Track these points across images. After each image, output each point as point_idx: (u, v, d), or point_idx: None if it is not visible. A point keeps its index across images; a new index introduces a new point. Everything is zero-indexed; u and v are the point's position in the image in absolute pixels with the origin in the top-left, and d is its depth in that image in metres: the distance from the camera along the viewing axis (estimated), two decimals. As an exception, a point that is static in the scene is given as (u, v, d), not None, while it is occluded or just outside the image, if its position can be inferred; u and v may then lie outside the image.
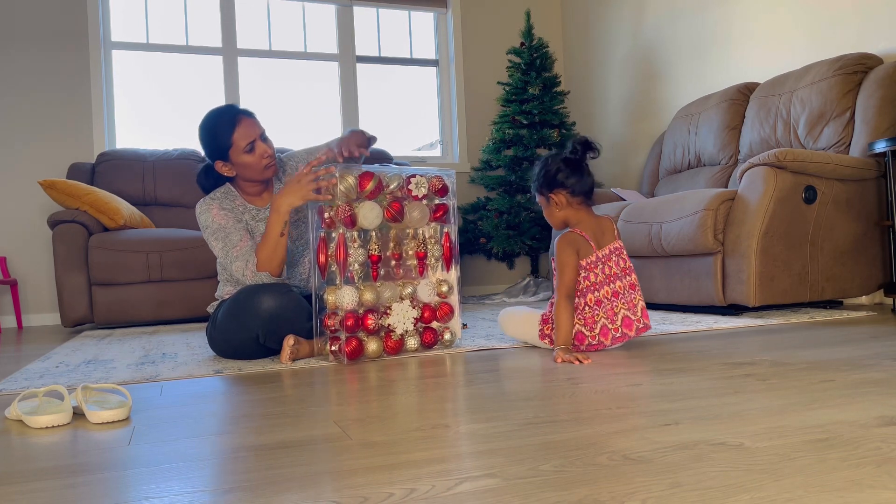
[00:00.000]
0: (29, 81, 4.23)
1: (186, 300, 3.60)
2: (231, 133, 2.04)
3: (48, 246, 4.23)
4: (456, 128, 5.16)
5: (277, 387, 1.63)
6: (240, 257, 2.05)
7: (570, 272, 1.93)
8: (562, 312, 1.90)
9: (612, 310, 1.95)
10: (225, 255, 2.07)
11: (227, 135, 2.04)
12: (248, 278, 2.04)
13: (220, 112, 2.08)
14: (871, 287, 2.87)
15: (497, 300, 4.33)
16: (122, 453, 1.08)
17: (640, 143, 4.57)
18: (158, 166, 4.18)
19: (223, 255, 2.07)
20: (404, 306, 2.03)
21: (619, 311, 1.95)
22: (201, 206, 2.11)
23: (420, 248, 2.10)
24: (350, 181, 1.96)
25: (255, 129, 2.07)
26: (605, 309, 1.94)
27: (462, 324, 2.78)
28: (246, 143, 2.04)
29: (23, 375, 1.98)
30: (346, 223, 1.95)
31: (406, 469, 0.92)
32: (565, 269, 1.93)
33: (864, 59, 2.96)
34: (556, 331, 1.91)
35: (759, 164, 2.68)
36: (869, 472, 0.82)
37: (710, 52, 3.93)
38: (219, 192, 2.15)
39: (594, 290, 1.95)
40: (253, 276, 2.04)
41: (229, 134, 2.04)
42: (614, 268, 1.97)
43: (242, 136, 2.04)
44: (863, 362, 1.59)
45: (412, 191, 2.06)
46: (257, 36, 4.79)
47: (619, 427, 1.09)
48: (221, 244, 2.07)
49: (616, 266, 1.98)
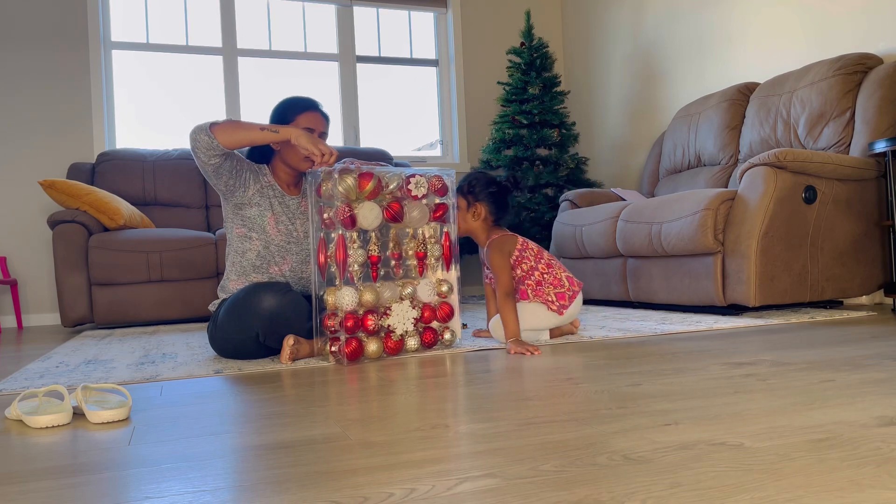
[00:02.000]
0: (29, 81, 4.23)
1: (186, 300, 3.59)
2: (299, 114, 2.16)
3: (48, 246, 4.23)
4: (456, 128, 5.16)
5: (277, 387, 1.63)
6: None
7: (505, 274, 2.19)
8: (507, 310, 2.12)
9: (556, 277, 2.27)
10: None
11: (295, 113, 2.16)
12: (197, 125, 2.00)
13: (302, 97, 2.22)
14: (871, 287, 2.87)
15: (497, 300, 4.33)
16: (122, 453, 1.08)
17: (640, 143, 4.57)
18: (158, 166, 4.18)
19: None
20: (404, 307, 2.03)
21: (561, 273, 2.28)
22: None
23: (420, 248, 2.10)
24: (349, 181, 1.96)
25: (320, 125, 2.18)
26: (552, 276, 2.26)
27: (462, 324, 2.78)
28: (306, 128, 2.13)
29: (23, 375, 1.98)
30: (345, 224, 1.95)
31: (406, 469, 0.92)
32: (502, 272, 2.19)
33: (864, 59, 2.96)
34: (505, 326, 2.12)
35: (759, 164, 2.68)
36: (869, 472, 0.82)
37: (710, 52, 3.93)
38: (253, 165, 2.20)
39: (533, 272, 2.26)
40: (200, 123, 2.00)
41: (297, 114, 2.16)
42: (533, 248, 2.29)
43: (306, 121, 2.16)
44: (863, 362, 1.59)
45: (411, 191, 2.06)
46: (257, 36, 4.80)
47: (619, 427, 1.09)
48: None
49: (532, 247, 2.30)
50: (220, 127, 1.99)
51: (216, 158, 2.02)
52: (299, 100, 2.19)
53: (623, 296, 3.33)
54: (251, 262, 2.15)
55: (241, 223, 2.15)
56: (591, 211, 3.53)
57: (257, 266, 2.14)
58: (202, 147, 1.99)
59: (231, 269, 2.19)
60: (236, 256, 2.17)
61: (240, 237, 2.16)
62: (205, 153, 2.01)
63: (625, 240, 3.17)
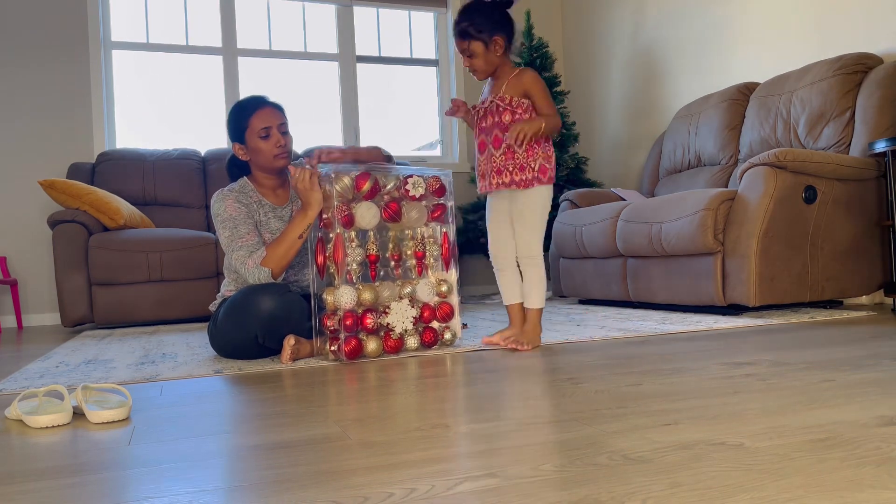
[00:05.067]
0: (29, 81, 4.23)
1: (186, 300, 3.59)
2: (250, 116, 2.12)
3: (48, 246, 4.23)
4: (456, 128, 5.15)
5: (277, 387, 1.63)
6: (243, 248, 2.07)
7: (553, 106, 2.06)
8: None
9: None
10: (229, 244, 2.09)
11: (247, 117, 2.13)
12: (247, 268, 2.04)
13: (248, 98, 2.18)
14: (871, 287, 2.87)
15: (497, 300, 4.33)
16: (122, 453, 1.08)
17: (640, 143, 4.57)
18: (158, 166, 4.18)
19: (227, 243, 2.09)
20: (403, 305, 2.03)
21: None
22: (217, 196, 2.16)
23: (418, 247, 2.10)
24: (346, 181, 1.96)
25: (275, 119, 2.14)
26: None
27: (462, 324, 2.78)
28: (261, 128, 2.11)
29: (23, 375, 1.98)
30: (343, 223, 1.95)
31: (406, 469, 0.92)
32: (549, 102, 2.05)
33: (864, 59, 2.96)
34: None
35: (759, 164, 2.68)
36: (869, 472, 0.82)
37: (710, 52, 3.93)
38: (236, 186, 2.20)
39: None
40: (253, 268, 2.03)
41: (248, 117, 2.12)
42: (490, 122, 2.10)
43: (260, 120, 2.12)
44: (863, 362, 1.59)
45: (409, 191, 2.06)
46: (257, 36, 4.79)
47: (619, 427, 1.09)
48: (228, 233, 2.10)
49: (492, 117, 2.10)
50: (270, 261, 2.03)
51: None
52: (246, 102, 2.16)
53: (623, 296, 3.33)
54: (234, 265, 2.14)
55: None
56: (591, 211, 3.53)
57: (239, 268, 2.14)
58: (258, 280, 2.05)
59: (228, 278, 2.20)
60: (230, 268, 2.18)
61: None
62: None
63: (625, 240, 3.17)
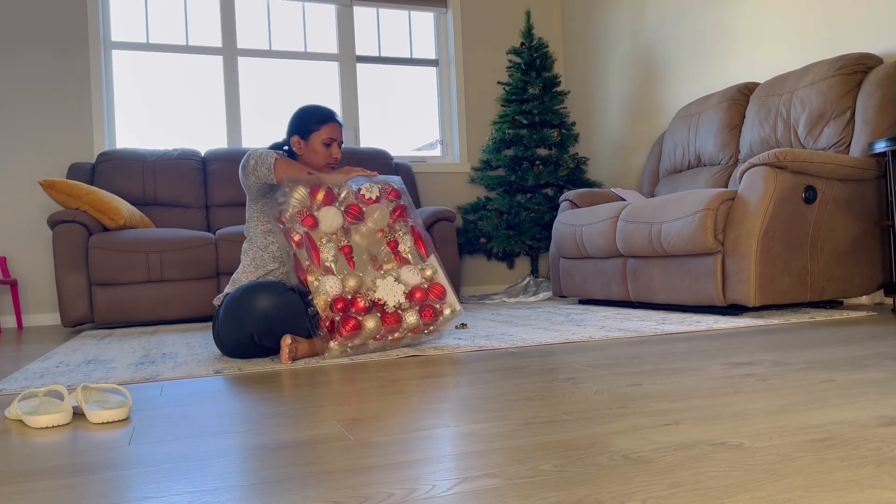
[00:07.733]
0: (29, 81, 4.23)
1: (186, 300, 3.60)
2: (323, 123, 2.30)
3: (48, 246, 4.23)
4: (456, 128, 5.15)
5: (277, 387, 1.63)
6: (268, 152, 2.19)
7: None
8: None
9: None
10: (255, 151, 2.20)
11: (319, 123, 2.30)
12: (261, 151, 2.18)
13: (324, 107, 2.36)
14: (871, 287, 2.87)
15: (497, 300, 4.33)
16: (122, 453, 1.08)
17: (640, 143, 4.57)
18: (158, 166, 4.18)
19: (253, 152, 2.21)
20: (389, 281, 2.09)
21: None
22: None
23: (388, 237, 2.20)
24: (302, 191, 2.09)
25: (340, 135, 2.34)
26: None
27: (462, 324, 2.79)
28: (328, 138, 2.29)
29: (23, 375, 1.98)
30: (307, 224, 2.07)
31: (406, 469, 0.92)
32: None
33: (864, 59, 2.96)
34: None
35: (759, 164, 2.68)
36: (869, 472, 0.82)
37: (710, 52, 3.93)
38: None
39: None
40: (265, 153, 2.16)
41: (321, 123, 2.30)
42: None
43: (329, 131, 2.30)
44: (863, 362, 1.59)
45: (365, 195, 2.19)
46: (257, 36, 4.79)
47: (619, 427, 1.09)
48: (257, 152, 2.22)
49: None
50: (282, 167, 2.16)
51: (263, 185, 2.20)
52: (318, 109, 2.32)
53: (623, 296, 3.33)
54: (272, 253, 2.24)
55: (267, 220, 2.26)
56: (591, 211, 3.53)
57: (277, 256, 2.24)
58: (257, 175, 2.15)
59: (249, 263, 2.25)
60: (258, 251, 2.25)
61: (264, 233, 2.26)
62: (255, 178, 2.16)
63: (625, 240, 3.17)
